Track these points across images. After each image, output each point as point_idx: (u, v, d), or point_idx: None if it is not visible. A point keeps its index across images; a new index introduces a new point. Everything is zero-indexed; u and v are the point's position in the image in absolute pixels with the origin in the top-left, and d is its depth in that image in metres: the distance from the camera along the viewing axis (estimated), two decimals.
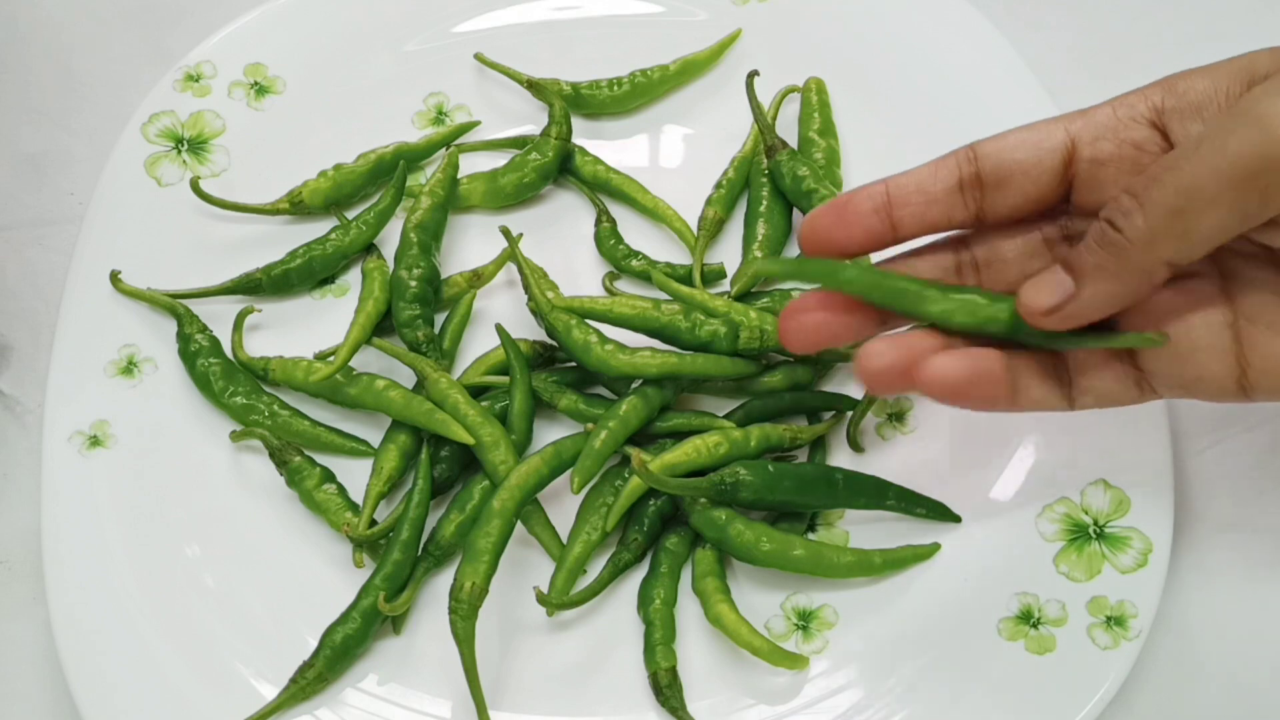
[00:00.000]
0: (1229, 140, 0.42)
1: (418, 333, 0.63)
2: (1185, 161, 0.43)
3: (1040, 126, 0.49)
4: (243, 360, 0.64)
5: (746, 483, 0.57)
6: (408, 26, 0.74)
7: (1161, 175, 0.43)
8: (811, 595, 0.58)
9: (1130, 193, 0.44)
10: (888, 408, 0.63)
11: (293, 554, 0.60)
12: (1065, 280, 0.46)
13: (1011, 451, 0.60)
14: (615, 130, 0.72)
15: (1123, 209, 0.44)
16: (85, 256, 0.66)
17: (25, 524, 0.62)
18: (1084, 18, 0.76)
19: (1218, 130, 0.43)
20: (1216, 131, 0.43)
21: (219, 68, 0.72)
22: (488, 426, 0.59)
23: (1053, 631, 0.55)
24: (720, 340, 0.60)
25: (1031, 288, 0.47)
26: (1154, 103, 0.48)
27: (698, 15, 0.74)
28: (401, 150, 0.69)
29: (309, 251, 0.66)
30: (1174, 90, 0.47)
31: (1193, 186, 0.43)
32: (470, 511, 0.59)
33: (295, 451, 0.61)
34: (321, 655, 0.56)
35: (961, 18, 0.71)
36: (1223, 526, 0.61)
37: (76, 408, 0.62)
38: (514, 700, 0.56)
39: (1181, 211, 0.43)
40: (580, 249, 0.68)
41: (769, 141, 0.67)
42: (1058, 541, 0.57)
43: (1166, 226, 0.43)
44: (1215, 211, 0.43)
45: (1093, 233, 0.45)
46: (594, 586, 0.57)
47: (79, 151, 0.74)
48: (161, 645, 0.57)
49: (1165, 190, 0.43)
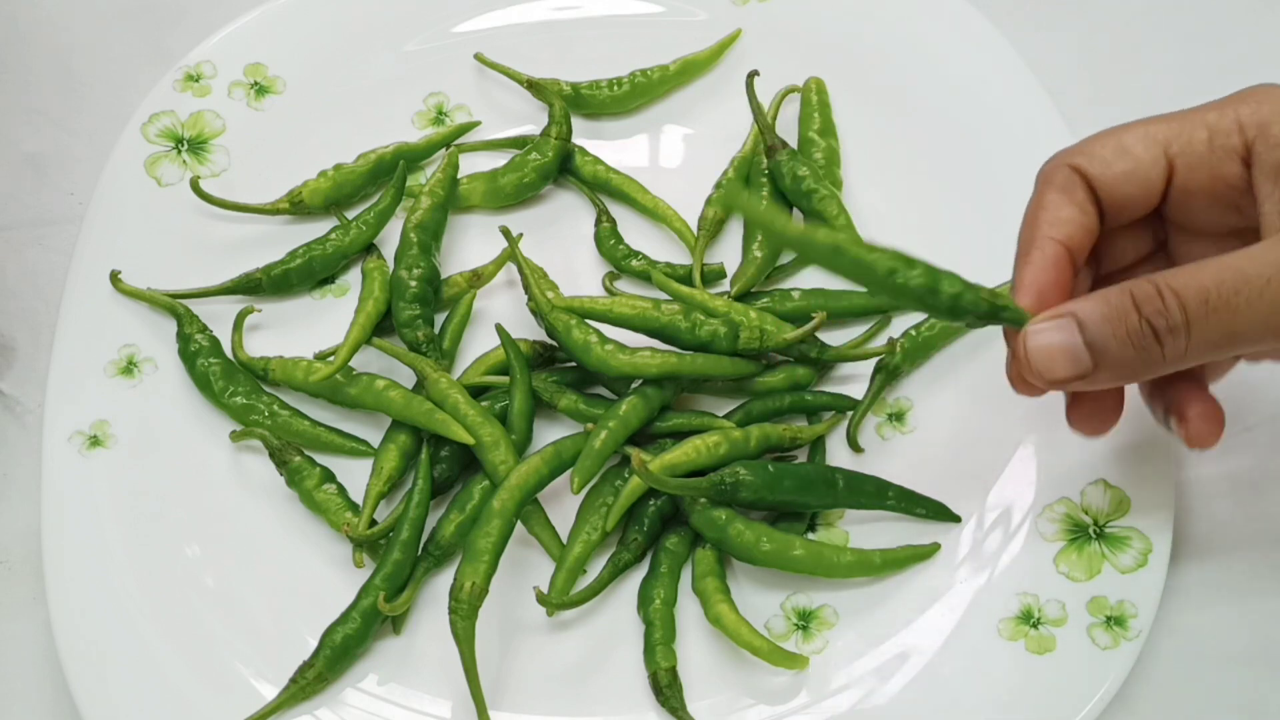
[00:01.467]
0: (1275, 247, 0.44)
1: (418, 333, 0.63)
2: (1243, 305, 0.43)
3: (1141, 153, 0.48)
4: (243, 360, 0.64)
5: (746, 483, 0.57)
6: (408, 26, 0.74)
7: (1226, 302, 0.44)
8: (811, 595, 0.58)
9: (1182, 304, 0.44)
10: (887, 408, 0.63)
11: (293, 554, 0.60)
12: (1084, 359, 0.45)
13: (1011, 451, 0.60)
14: (615, 130, 0.72)
15: (1170, 324, 0.44)
16: (85, 256, 0.66)
17: (25, 524, 0.62)
18: (1084, 18, 0.76)
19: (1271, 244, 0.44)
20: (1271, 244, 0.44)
21: (219, 68, 0.72)
22: (488, 426, 0.59)
23: (1053, 631, 0.55)
24: (720, 340, 0.60)
25: (1045, 356, 0.46)
26: (1248, 137, 0.47)
27: (698, 15, 0.74)
28: (401, 150, 0.69)
29: (309, 251, 0.66)
30: (1267, 135, 0.46)
31: (1242, 332, 0.44)
32: (470, 511, 0.59)
33: (295, 451, 0.61)
34: (321, 655, 0.56)
35: (961, 18, 0.71)
36: (1223, 526, 0.61)
37: (76, 408, 0.62)
38: (514, 700, 0.56)
39: (1223, 347, 0.44)
40: (580, 249, 0.68)
41: (769, 141, 0.67)
42: (1058, 541, 0.57)
43: (1203, 353, 0.45)
44: (1250, 348, 0.45)
45: (1125, 323, 0.45)
46: (594, 586, 0.57)
47: (79, 151, 0.74)
48: (161, 645, 0.57)
49: (1216, 322, 0.44)
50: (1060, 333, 0.46)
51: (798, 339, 0.61)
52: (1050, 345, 0.46)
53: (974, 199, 0.67)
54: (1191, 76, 0.73)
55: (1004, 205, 0.66)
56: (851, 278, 0.46)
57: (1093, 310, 0.46)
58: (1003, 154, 0.67)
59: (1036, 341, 0.46)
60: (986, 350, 0.62)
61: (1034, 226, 0.49)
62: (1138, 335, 0.45)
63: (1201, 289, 0.44)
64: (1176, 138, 0.48)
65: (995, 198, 0.66)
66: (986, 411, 0.61)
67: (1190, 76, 0.73)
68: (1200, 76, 0.73)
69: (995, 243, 0.65)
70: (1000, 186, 0.67)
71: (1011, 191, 0.67)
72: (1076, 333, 0.46)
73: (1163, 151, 0.48)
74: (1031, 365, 0.46)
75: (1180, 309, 0.44)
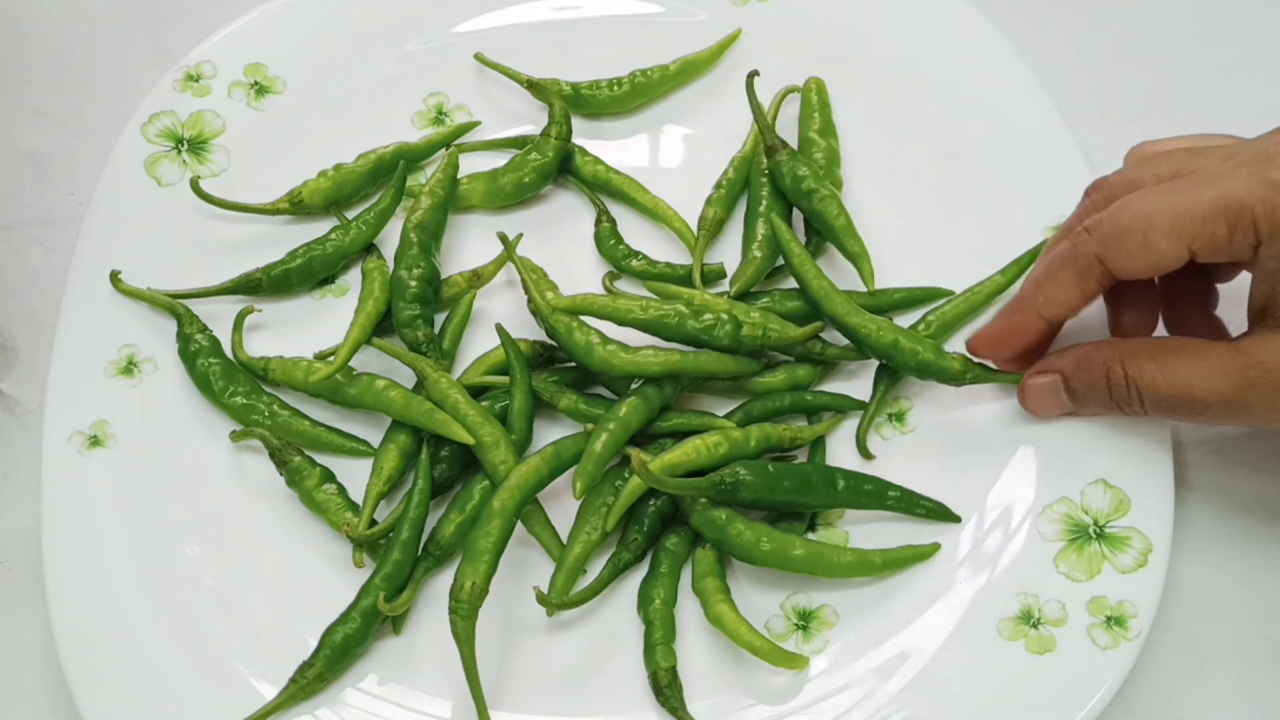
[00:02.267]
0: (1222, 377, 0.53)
1: (418, 333, 0.63)
2: (1187, 416, 0.55)
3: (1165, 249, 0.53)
4: (243, 360, 0.64)
5: (746, 483, 0.57)
6: (408, 26, 0.74)
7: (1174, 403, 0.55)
8: (811, 595, 0.58)
9: (1140, 397, 0.55)
10: (888, 408, 0.63)
11: (293, 554, 0.60)
12: (1067, 404, 0.59)
13: (1011, 452, 0.60)
14: (615, 130, 0.72)
15: (1130, 405, 0.56)
16: (85, 256, 0.66)
17: (25, 524, 0.62)
18: (1084, 18, 0.76)
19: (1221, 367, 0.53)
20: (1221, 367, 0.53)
21: (219, 68, 0.72)
22: (488, 426, 0.59)
23: (1053, 631, 0.55)
24: (722, 333, 0.60)
25: (1039, 400, 0.59)
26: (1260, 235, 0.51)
27: (698, 15, 0.74)
28: (401, 150, 0.69)
29: (309, 251, 0.66)
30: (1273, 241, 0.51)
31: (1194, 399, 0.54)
32: (470, 511, 0.59)
33: (295, 451, 0.61)
34: (321, 655, 0.56)
35: (961, 18, 0.71)
36: (1222, 526, 0.61)
37: (76, 408, 0.62)
38: (514, 700, 0.56)
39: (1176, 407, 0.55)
40: (580, 249, 0.68)
41: (769, 141, 0.67)
42: (1058, 541, 0.57)
43: (1162, 413, 0.56)
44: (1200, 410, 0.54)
45: (1097, 388, 0.57)
46: (594, 586, 0.57)
47: (79, 151, 0.74)
48: (161, 645, 0.57)
49: (1165, 411, 0.56)
50: (1049, 386, 0.59)
51: (802, 338, 0.61)
52: (1041, 389, 0.59)
53: (974, 199, 0.67)
54: (1191, 76, 0.73)
55: (1004, 205, 0.67)
56: None
57: (1075, 373, 0.58)
58: (1003, 154, 0.67)
59: (1032, 386, 0.59)
60: None
61: (1033, 298, 0.58)
62: (1106, 402, 0.57)
63: (1157, 395, 0.55)
64: (1200, 234, 0.52)
65: (995, 198, 0.67)
66: (986, 411, 0.61)
67: (1190, 76, 0.73)
68: (1200, 76, 0.73)
69: (995, 242, 0.66)
70: (1000, 186, 0.67)
71: (1011, 192, 0.67)
72: (1061, 387, 0.58)
73: (1186, 248, 0.53)
74: (1028, 404, 0.60)
75: (1139, 401, 0.56)
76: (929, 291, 0.65)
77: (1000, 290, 0.63)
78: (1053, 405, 0.59)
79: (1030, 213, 0.65)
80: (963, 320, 0.63)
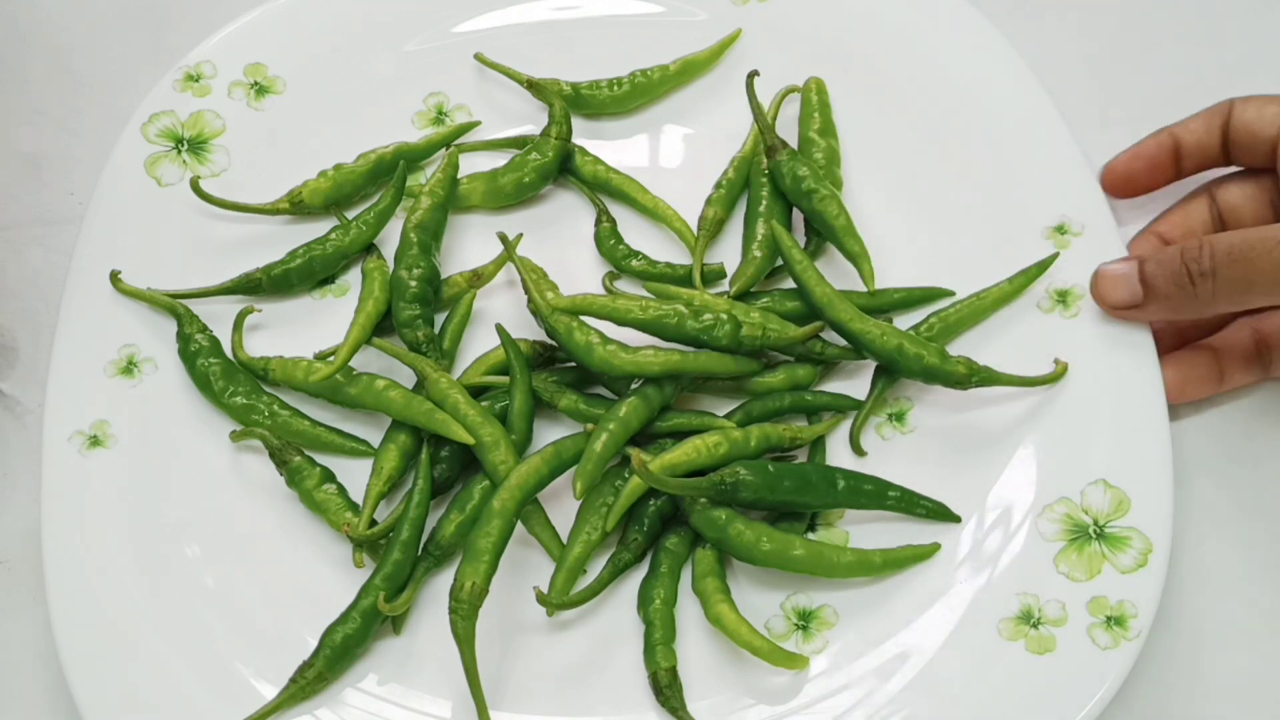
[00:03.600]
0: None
1: (418, 333, 0.63)
2: (1257, 259, 0.55)
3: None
4: (243, 360, 0.64)
5: (746, 483, 0.57)
6: (408, 26, 0.74)
7: (1244, 255, 0.55)
8: (811, 595, 0.58)
9: (1213, 254, 0.56)
10: (888, 408, 0.63)
11: (293, 554, 0.60)
12: (1139, 291, 0.59)
13: (1011, 451, 0.60)
14: (615, 130, 0.72)
15: (1201, 269, 0.56)
16: (85, 256, 0.66)
17: (25, 524, 0.62)
18: (1084, 18, 0.76)
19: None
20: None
21: (219, 68, 0.72)
22: (488, 426, 0.59)
23: (1053, 631, 0.55)
24: (722, 333, 0.60)
25: (1110, 282, 0.60)
26: None
27: (698, 15, 0.74)
28: (401, 150, 0.69)
29: (309, 251, 0.66)
30: None
31: (1256, 280, 0.55)
32: (470, 511, 0.59)
33: (295, 451, 0.61)
34: (321, 655, 0.56)
35: (961, 18, 0.71)
36: (1223, 526, 0.61)
37: (76, 408, 0.62)
38: (514, 700, 0.56)
39: (1244, 292, 0.56)
40: (580, 249, 0.68)
41: (769, 141, 0.67)
42: (1058, 541, 0.57)
43: (1229, 296, 0.57)
44: (1271, 294, 0.55)
45: (1171, 266, 0.58)
46: (594, 586, 0.57)
47: (79, 151, 0.74)
48: (161, 645, 0.57)
49: (1236, 271, 0.56)
50: (1123, 266, 0.60)
51: (802, 337, 0.61)
52: (1114, 274, 0.60)
53: (974, 199, 0.67)
54: (1192, 76, 0.73)
55: (1004, 205, 0.67)
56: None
57: (1151, 255, 0.59)
58: (1003, 154, 0.67)
59: (1105, 270, 0.61)
60: (986, 350, 0.62)
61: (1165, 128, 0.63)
62: (1179, 276, 0.57)
63: (1229, 244, 0.56)
64: None
65: (995, 197, 0.67)
66: (986, 411, 0.61)
67: (1190, 76, 0.73)
68: (1200, 76, 0.73)
69: (995, 242, 0.66)
70: (1000, 186, 0.67)
71: (1011, 192, 0.67)
72: (1135, 269, 0.59)
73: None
74: (1097, 289, 0.61)
75: (1210, 256, 0.56)
76: (929, 291, 0.65)
77: (1007, 298, 0.63)
78: (1123, 290, 0.60)
79: (1030, 213, 0.65)
80: (966, 325, 0.64)
